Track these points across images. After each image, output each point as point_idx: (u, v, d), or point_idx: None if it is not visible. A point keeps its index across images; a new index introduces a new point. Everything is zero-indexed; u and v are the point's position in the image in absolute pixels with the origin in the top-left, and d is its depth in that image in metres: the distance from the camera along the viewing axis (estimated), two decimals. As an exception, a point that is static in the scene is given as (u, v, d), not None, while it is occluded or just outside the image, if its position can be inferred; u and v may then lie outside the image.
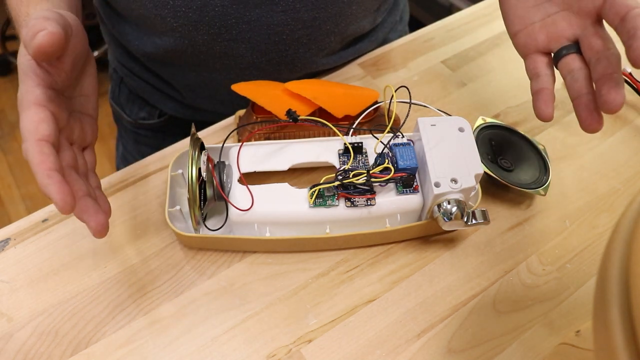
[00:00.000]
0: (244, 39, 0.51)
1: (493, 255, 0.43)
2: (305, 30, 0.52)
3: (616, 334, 0.20)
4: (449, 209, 0.38)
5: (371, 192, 0.39)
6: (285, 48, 0.53)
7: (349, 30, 0.55)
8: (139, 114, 0.66)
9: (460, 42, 0.60)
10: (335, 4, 0.51)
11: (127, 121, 0.68)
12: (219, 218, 0.43)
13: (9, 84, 1.65)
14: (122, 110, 0.68)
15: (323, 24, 0.53)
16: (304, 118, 0.42)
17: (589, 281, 0.41)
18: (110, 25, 0.59)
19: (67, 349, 0.37)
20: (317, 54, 0.55)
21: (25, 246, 0.42)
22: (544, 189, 0.44)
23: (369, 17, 0.57)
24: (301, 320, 0.39)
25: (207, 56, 0.53)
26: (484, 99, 0.54)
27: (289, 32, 0.52)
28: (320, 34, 0.53)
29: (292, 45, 0.53)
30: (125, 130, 0.71)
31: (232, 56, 0.53)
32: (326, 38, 0.54)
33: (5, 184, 1.42)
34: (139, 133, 0.69)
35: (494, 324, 0.39)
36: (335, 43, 0.56)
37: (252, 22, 0.50)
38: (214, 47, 0.52)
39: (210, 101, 0.60)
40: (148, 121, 0.66)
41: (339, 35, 0.55)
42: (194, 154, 0.39)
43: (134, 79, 0.63)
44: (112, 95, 0.69)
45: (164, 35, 0.52)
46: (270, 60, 0.54)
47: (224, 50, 0.52)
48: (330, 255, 0.42)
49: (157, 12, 0.49)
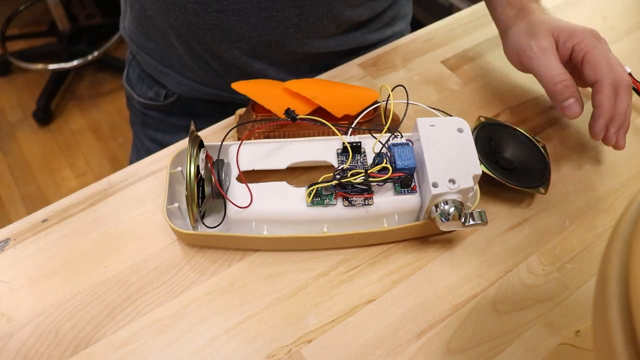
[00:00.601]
0: (233, 11, 0.52)
1: (493, 255, 0.43)
2: (296, 9, 0.53)
3: (616, 334, 0.20)
4: (446, 209, 0.38)
5: (369, 191, 0.39)
6: (275, 25, 0.53)
7: (344, 15, 0.56)
8: (148, 94, 0.68)
9: (460, 42, 0.60)
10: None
11: (136, 101, 0.70)
12: (217, 216, 0.43)
13: (9, 84, 1.65)
14: (132, 91, 0.70)
15: (315, 6, 0.53)
16: (303, 117, 0.42)
17: (589, 281, 0.41)
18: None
19: (67, 349, 0.37)
20: (309, 36, 0.56)
21: (25, 246, 0.42)
22: (545, 188, 0.44)
23: (365, 4, 0.58)
24: (301, 320, 0.39)
25: (197, 27, 0.54)
26: (483, 99, 0.54)
27: (279, 9, 0.52)
28: (312, 15, 0.54)
29: (283, 23, 0.53)
30: (135, 114, 0.73)
31: (221, 27, 0.54)
32: (318, 21, 0.54)
33: (5, 184, 1.42)
34: (146, 114, 0.70)
35: (494, 324, 0.39)
36: (330, 27, 0.56)
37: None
38: (204, 17, 0.53)
39: (205, 73, 0.61)
40: (155, 102, 0.68)
41: (333, 20, 0.55)
42: (192, 151, 0.39)
43: (141, 55, 0.65)
44: (125, 77, 0.71)
45: (156, 1, 0.53)
46: (261, 35, 0.54)
47: (214, 22, 0.53)
48: (330, 255, 0.42)
49: None
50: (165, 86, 0.66)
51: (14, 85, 1.63)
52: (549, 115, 0.53)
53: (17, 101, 1.59)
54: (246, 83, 0.48)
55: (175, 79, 0.64)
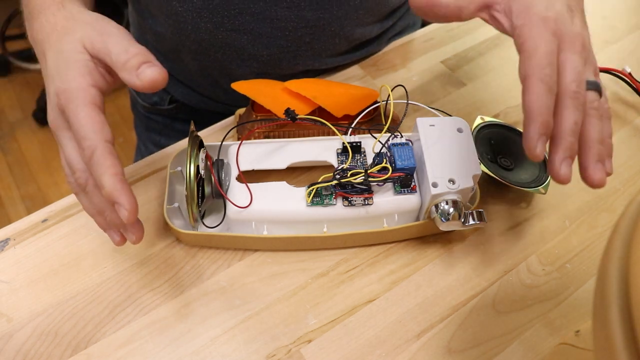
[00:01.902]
0: (246, 30, 0.52)
1: (493, 255, 0.43)
2: (309, 29, 0.52)
3: (616, 334, 0.20)
4: (446, 209, 0.38)
5: (369, 191, 0.39)
6: (287, 44, 0.53)
7: (355, 34, 0.55)
8: (152, 98, 0.67)
9: (460, 42, 0.60)
10: (340, 6, 0.51)
11: (141, 105, 0.69)
12: (217, 216, 0.43)
13: (9, 84, 1.65)
14: (136, 95, 0.69)
15: (328, 26, 0.53)
16: (303, 117, 0.42)
17: (589, 281, 0.41)
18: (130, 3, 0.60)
19: (66, 349, 0.37)
20: (320, 54, 0.55)
21: (24, 246, 0.42)
22: (545, 187, 0.44)
23: (377, 23, 0.57)
24: (301, 320, 0.39)
25: (209, 44, 0.54)
26: (483, 99, 0.54)
27: (292, 29, 0.52)
28: (325, 35, 0.53)
29: (295, 42, 0.53)
30: (139, 118, 0.73)
31: (233, 46, 0.53)
32: (331, 40, 0.54)
33: (5, 184, 1.42)
34: (150, 118, 0.70)
35: (494, 324, 0.39)
36: (342, 45, 0.56)
37: (255, 14, 0.50)
38: (216, 35, 0.52)
39: (214, 89, 0.60)
40: (159, 106, 0.67)
41: (345, 39, 0.55)
42: (192, 151, 0.39)
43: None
44: None
45: (169, 18, 0.53)
46: (272, 54, 0.54)
47: (226, 40, 0.53)
48: (330, 255, 0.42)
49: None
50: (170, 92, 0.66)
51: (14, 85, 1.63)
52: (549, 115, 0.53)
53: (17, 101, 1.59)
54: (246, 83, 0.48)
55: (183, 90, 0.63)
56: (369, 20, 0.55)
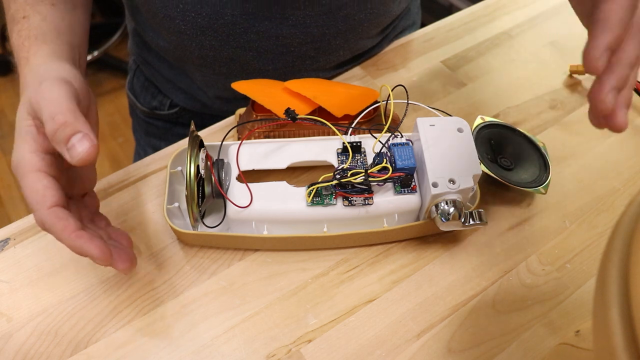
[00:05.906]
0: (251, 47, 0.52)
1: (493, 255, 0.43)
2: (314, 44, 0.52)
3: (616, 334, 0.20)
4: (446, 209, 0.38)
5: (369, 191, 0.39)
6: (292, 59, 0.53)
7: (358, 45, 0.56)
8: (152, 103, 0.67)
9: (460, 42, 0.60)
10: (346, 21, 0.51)
11: (140, 110, 0.69)
12: (217, 216, 0.43)
13: (9, 84, 1.65)
14: (136, 100, 0.69)
15: (332, 40, 0.53)
16: (303, 117, 0.42)
17: (589, 281, 0.41)
18: (129, 12, 0.60)
19: (66, 348, 0.37)
20: (324, 66, 0.56)
21: (25, 246, 0.42)
22: (545, 187, 0.44)
23: (380, 33, 0.58)
24: (301, 320, 0.39)
25: (214, 60, 0.53)
26: (483, 99, 0.54)
27: (297, 45, 0.52)
28: (329, 48, 0.54)
29: (300, 57, 0.54)
30: (138, 122, 0.72)
31: (239, 62, 0.53)
32: (335, 52, 0.55)
33: (5, 184, 1.42)
34: (150, 123, 0.70)
35: (494, 324, 0.39)
36: (345, 56, 0.56)
37: (260, 32, 0.50)
38: (221, 52, 0.52)
39: (217, 99, 0.60)
40: (159, 111, 0.67)
41: (349, 50, 0.55)
42: (192, 151, 0.39)
43: (148, 67, 0.64)
44: (129, 85, 0.70)
45: (172, 35, 0.52)
46: (277, 69, 0.54)
47: (231, 56, 0.53)
48: (330, 255, 0.42)
49: (165, 12, 0.49)
50: (170, 97, 0.65)
51: (14, 85, 1.63)
52: (549, 115, 0.53)
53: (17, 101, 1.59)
54: (246, 83, 0.48)
55: (184, 97, 0.63)
56: (372, 32, 0.56)
